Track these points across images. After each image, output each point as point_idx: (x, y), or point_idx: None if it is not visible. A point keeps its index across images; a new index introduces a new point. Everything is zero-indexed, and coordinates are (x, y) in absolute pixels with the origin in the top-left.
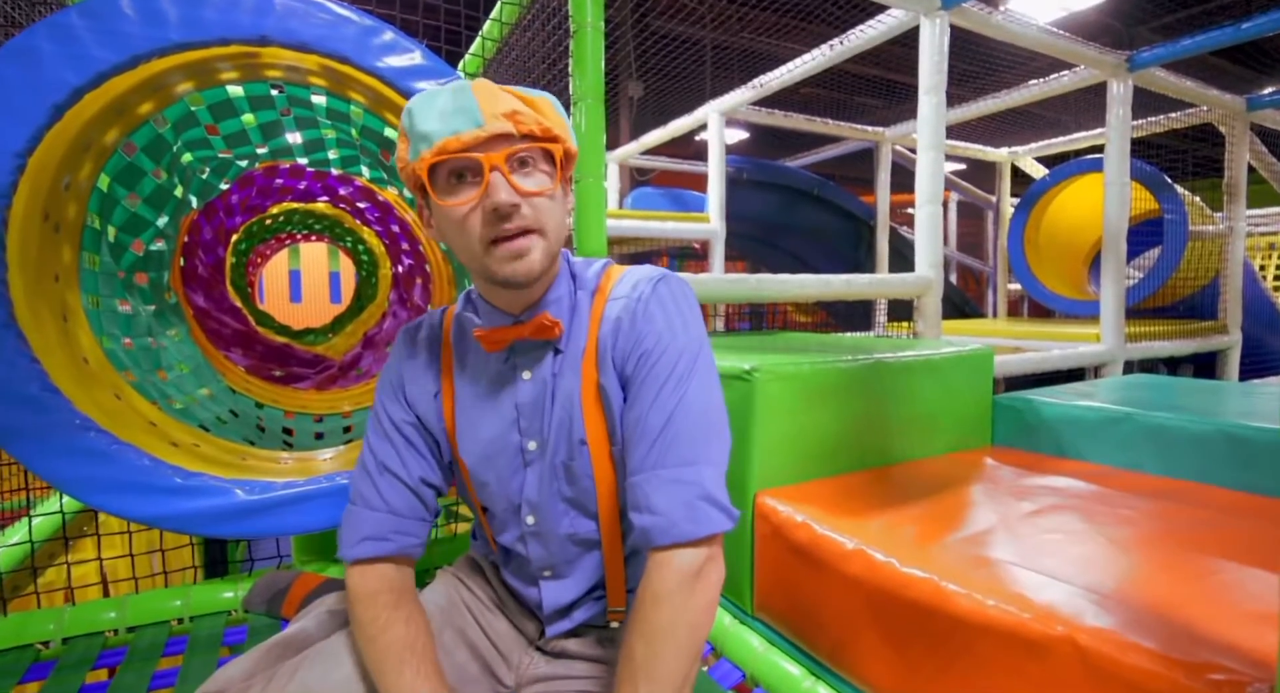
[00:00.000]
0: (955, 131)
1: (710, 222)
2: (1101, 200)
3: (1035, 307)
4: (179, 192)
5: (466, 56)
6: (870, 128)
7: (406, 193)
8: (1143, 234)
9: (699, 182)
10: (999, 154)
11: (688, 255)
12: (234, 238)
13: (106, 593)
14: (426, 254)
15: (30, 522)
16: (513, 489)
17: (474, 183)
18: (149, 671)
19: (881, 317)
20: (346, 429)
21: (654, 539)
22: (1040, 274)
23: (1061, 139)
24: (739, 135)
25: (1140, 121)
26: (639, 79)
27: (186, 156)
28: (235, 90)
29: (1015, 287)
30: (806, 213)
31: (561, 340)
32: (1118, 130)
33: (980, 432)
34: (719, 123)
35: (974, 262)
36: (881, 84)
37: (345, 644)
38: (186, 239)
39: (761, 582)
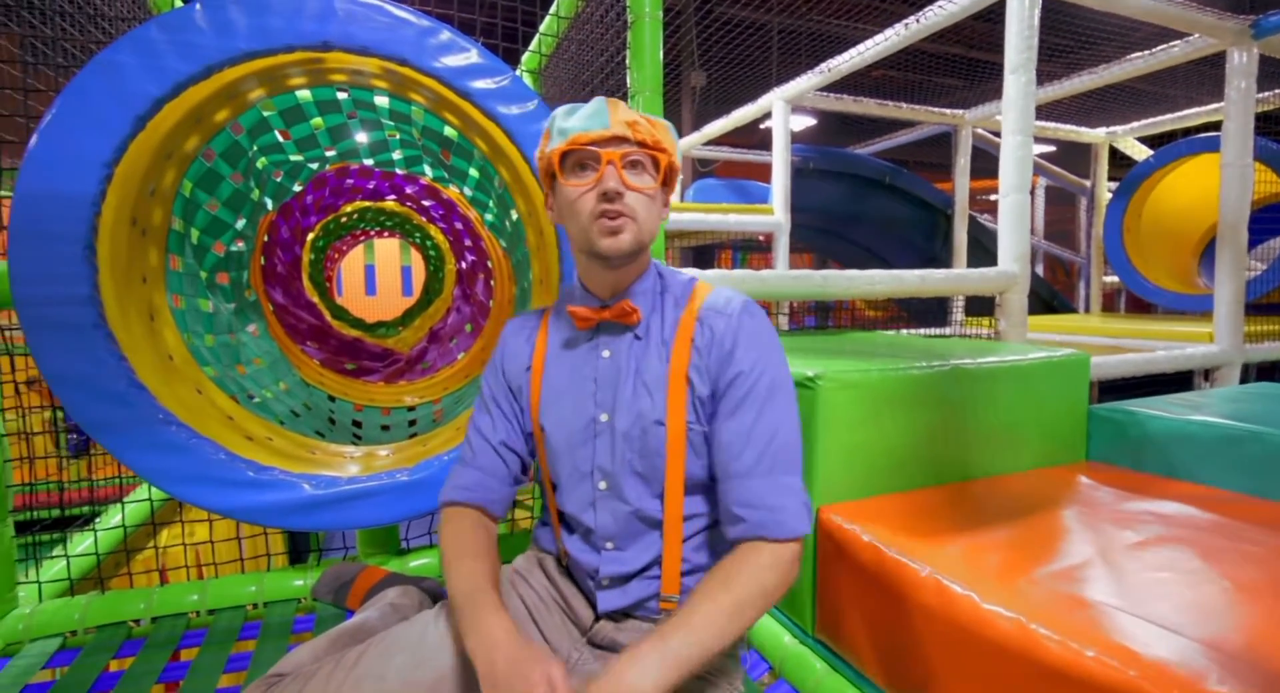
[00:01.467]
0: (1045, 111)
1: (775, 214)
2: (1216, 183)
3: (1134, 301)
4: (255, 194)
5: (526, 54)
6: (949, 111)
7: (468, 191)
8: (1265, 220)
9: (763, 171)
10: (1095, 135)
11: (751, 248)
12: (310, 236)
13: (200, 576)
14: (488, 251)
15: (124, 508)
16: (584, 455)
17: (593, 171)
18: (225, 653)
19: (958, 312)
20: (411, 423)
21: (769, 532)
22: (1141, 265)
23: (1169, 116)
24: (805, 122)
25: (1267, 95)
26: (701, 67)
27: (261, 161)
28: (304, 95)
29: (1111, 279)
30: (877, 202)
31: (640, 327)
32: (1239, 105)
33: (1072, 446)
34: (784, 110)
35: (1063, 252)
36: (961, 63)
37: (405, 634)
38: (265, 239)
39: (824, 602)
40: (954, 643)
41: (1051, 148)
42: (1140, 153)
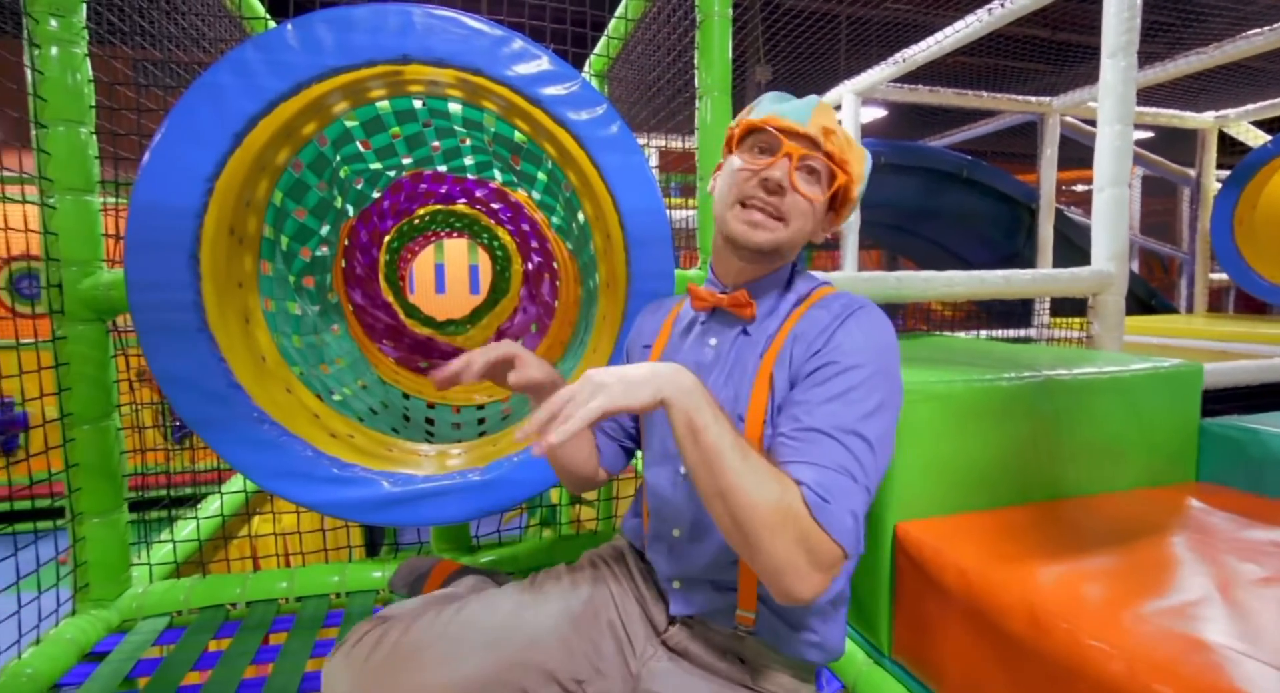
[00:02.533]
0: (1143, 95)
1: None
2: None
3: (1245, 300)
4: (338, 202)
5: (592, 56)
6: (1034, 98)
7: (535, 194)
8: None
9: None
10: (1202, 120)
11: (815, 245)
12: (386, 238)
13: (288, 564)
14: (554, 252)
15: (222, 498)
16: (669, 443)
17: (769, 157)
18: (311, 639)
19: (1043, 312)
20: (480, 421)
21: (816, 512)
22: (1255, 261)
23: None
24: (875, 114)
25: None
26: (767, 62)
27: (344, 170)
28: (384, 106)
29: (1218, 276)
30: (953, 197)
31: (752, 324)
32: None
33: (1180, 464)
34: (854, 104)
35: (1162, 247)
36: (1047, 47)
37: (503, 592)
38: (345, 243)
39: (901, 622)
40: (1047, 678)
41: (1148, 134)
42: (1255, 138)
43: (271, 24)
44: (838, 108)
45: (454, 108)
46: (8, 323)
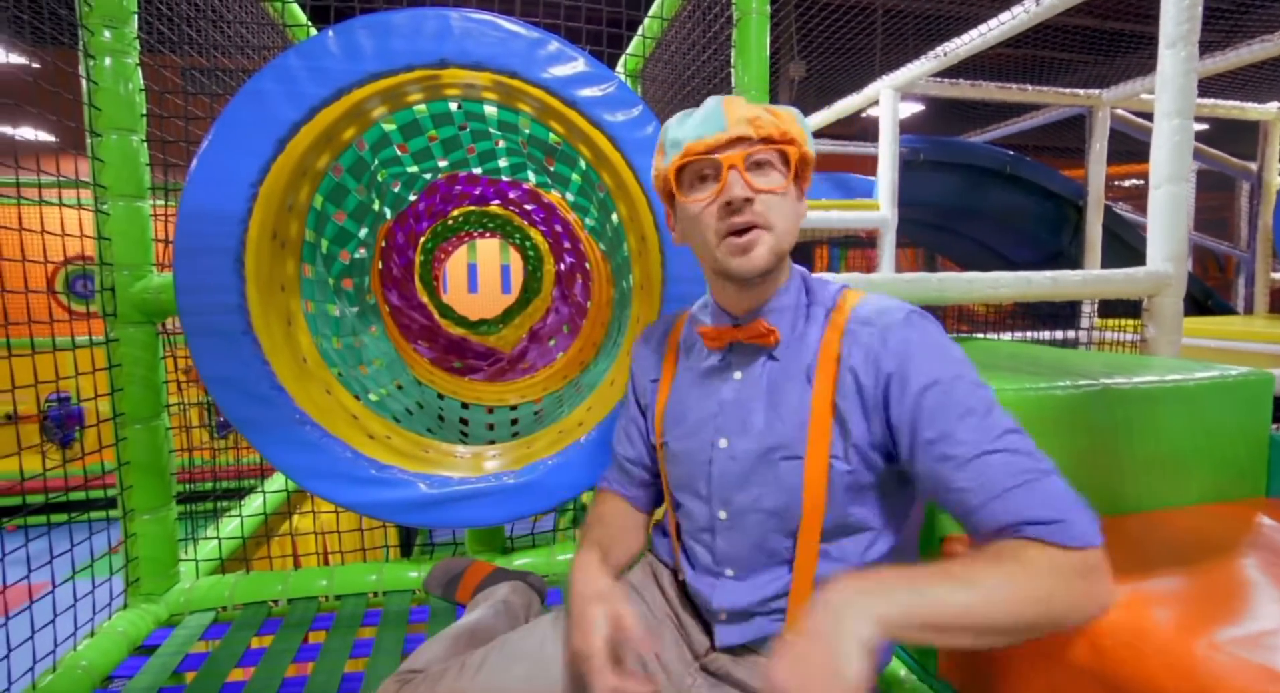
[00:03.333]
0: (1199, 86)
1: (880, 209)
2: None
3: None
4: (376, 205)
5: (624, 56)
6: (1083, 91)
7: (569, 196)
8: None
9: (866, 164)
10: (1265, 111)
11: (850, 243)
12: (421, 240)
13: (326, 562)
14: (586, 253)
15: (265, 496)
16: (702, 481)
17: (714, 182)
18: (350, 639)
19: (1090, 312)
20: (513, 422)
21: (1048, 536)
22: None
23: None
24: (912, 109)
25: None
26: (800, 58)
27: (382, 173)
28: (421, 110)
29: None
30: (996, 194)
31: (778, 348)
32: None
33: (1250, 478)
34: (893, 100)
35: (1218, 244)
36: (1095, 36)
37: (525, 642)
38: (383, 245)
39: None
40: None
41: (1203, 126)
42: None
43: (313, 31)
44: (875, 104)
45: (489, 110)
46: (64, 322)
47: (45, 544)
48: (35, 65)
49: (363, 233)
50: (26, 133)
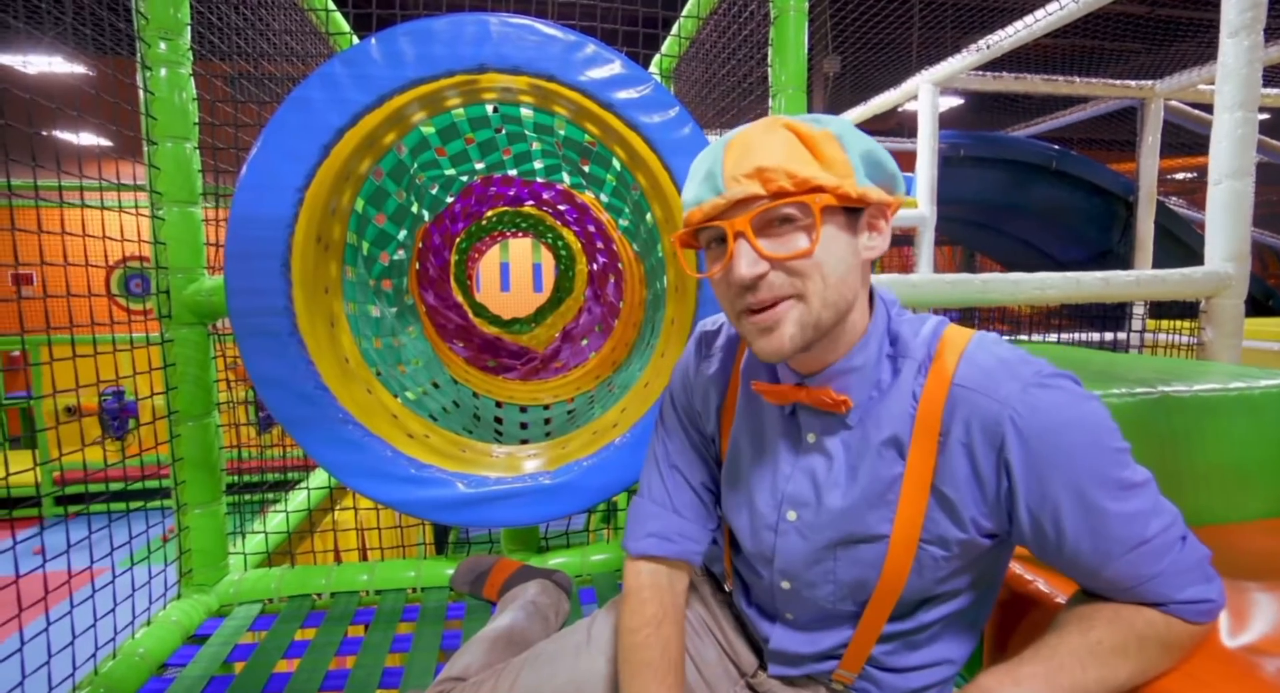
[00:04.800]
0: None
1: (919, 206)
2: None
3: None
4: (415, 207)
5: (658, 56)
6: (1135, 82)
7: (603, 197)
8: None
9: (904, 160)
10: None
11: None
12: (457, 240)
13: (366, 557)
14: (619, 253)
15: (309, 493)
16: (765, 547)
17: (726, 244)
18: (390, 634)
19: (1141, 313)
20: (546, 422)
21: (1181, 614)
22: None
23: None
24: (950, 103)
25: None
26: (835, 53)
27: (421, 177)
28: (459, 114)
29: None
30: (1040, 190)
31: (852, 415)
32: None
33: None
34: (932, 95)
35: (1277, 240)
36: (1144, 24)
37: (560, 650)
38: (420, 246)
39: (997, 662)
40: None
41: (1263, 116)
42: None
43: (355, 39)
44: (913, 99)
45: (525, 113)
46: (123, 323)
47: (105, 534)
48: (91, 73)
49: (401, 235)
50: (87, 139)
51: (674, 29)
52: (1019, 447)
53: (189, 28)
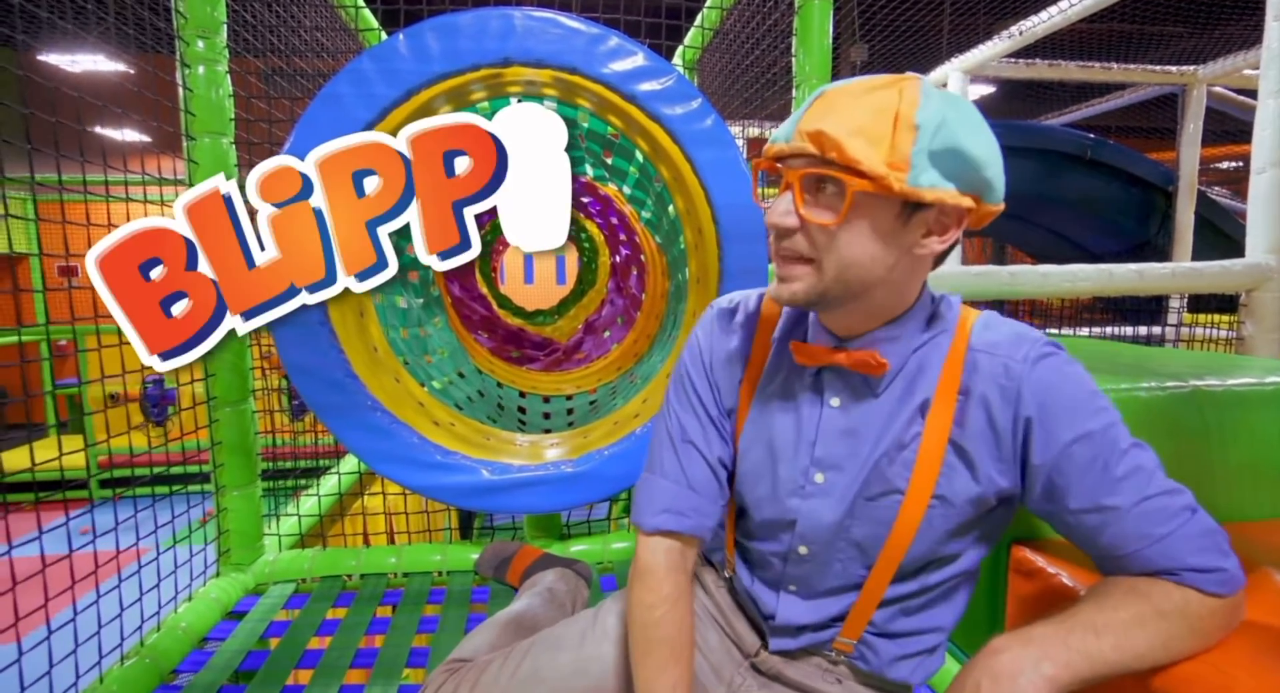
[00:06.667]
0: None
1: None
2: None
3: None
4: None
5: (681, 47)
6: (1175, 68)
7: (626, 188)
8: None
9: None
10: None
11: None
12: (482, 232)
13: (393, 541)
14: (642, 245)
15: (340, 477)
16: (786, 511)
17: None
18: (417, 615)
19: (1179, 307)
20: (569, 412)
21: (1198, 584)
22: None
23: None
24: (981, 91)
25: None
26: (863, 40)
27: None
28: (483, 106)
29: None
30: (1074, 180)
31: (884, 380)
32: None
33: None
34: (962, 83)
35: None
36: (1185, 6)
37: (567, 635)
38: None
39: None
40: None
41: None
42: None
43: (383, 35)
44: (943, 87)
45: (549, 106)
46: None
47: (148, 514)
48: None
49: None
50: (130, 135)
51: (697, 20)
52: (1034, 402)
53: (225, 26)
